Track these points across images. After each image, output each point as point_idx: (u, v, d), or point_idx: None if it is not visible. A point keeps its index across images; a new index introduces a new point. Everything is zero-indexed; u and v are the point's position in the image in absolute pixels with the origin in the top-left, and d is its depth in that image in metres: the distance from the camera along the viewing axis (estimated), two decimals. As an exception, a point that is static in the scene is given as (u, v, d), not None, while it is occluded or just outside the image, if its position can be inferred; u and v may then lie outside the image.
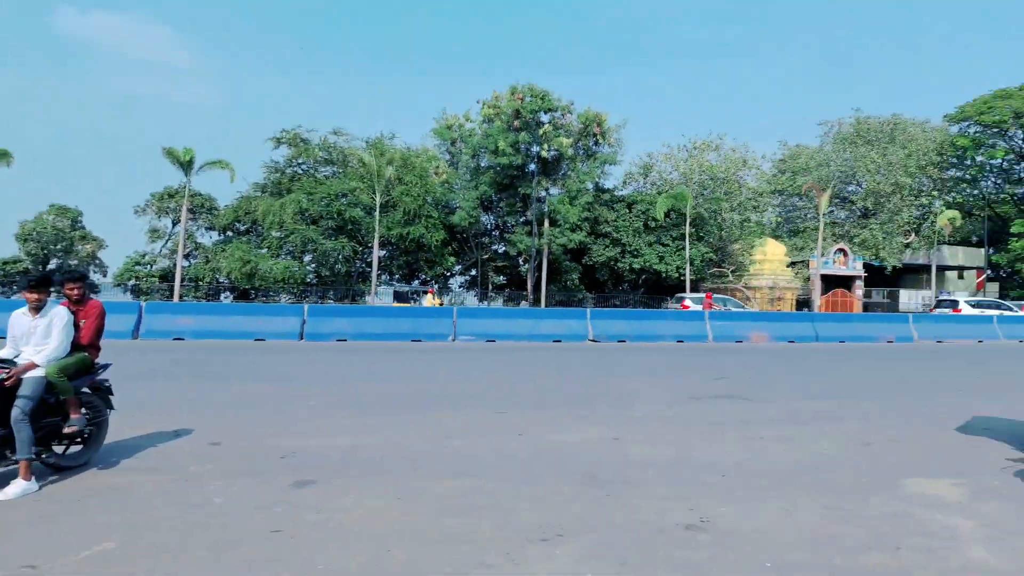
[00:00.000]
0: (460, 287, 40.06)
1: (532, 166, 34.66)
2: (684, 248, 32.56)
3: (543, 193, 35.26)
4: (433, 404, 9.05)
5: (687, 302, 28.62)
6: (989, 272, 48.77)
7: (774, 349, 19.46)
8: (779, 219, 45.60)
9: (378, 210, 31.62)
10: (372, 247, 32.42)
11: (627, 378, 12.40)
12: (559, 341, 20.00)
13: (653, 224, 33.36)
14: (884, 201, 39.61)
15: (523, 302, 33.46)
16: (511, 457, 6.32)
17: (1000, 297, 45.74)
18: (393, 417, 8.02)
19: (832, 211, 43.09)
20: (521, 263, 38.52)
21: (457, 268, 38.31)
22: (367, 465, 5.89)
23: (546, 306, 32.45)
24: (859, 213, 42.15)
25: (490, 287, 38.05)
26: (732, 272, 35.39)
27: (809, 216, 43.30)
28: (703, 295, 28.21)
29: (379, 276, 33.33)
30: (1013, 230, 40.73)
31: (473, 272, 38.43)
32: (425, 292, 30.81)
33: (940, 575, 3.88)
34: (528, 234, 33.69)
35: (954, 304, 32.53)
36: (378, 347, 16.81)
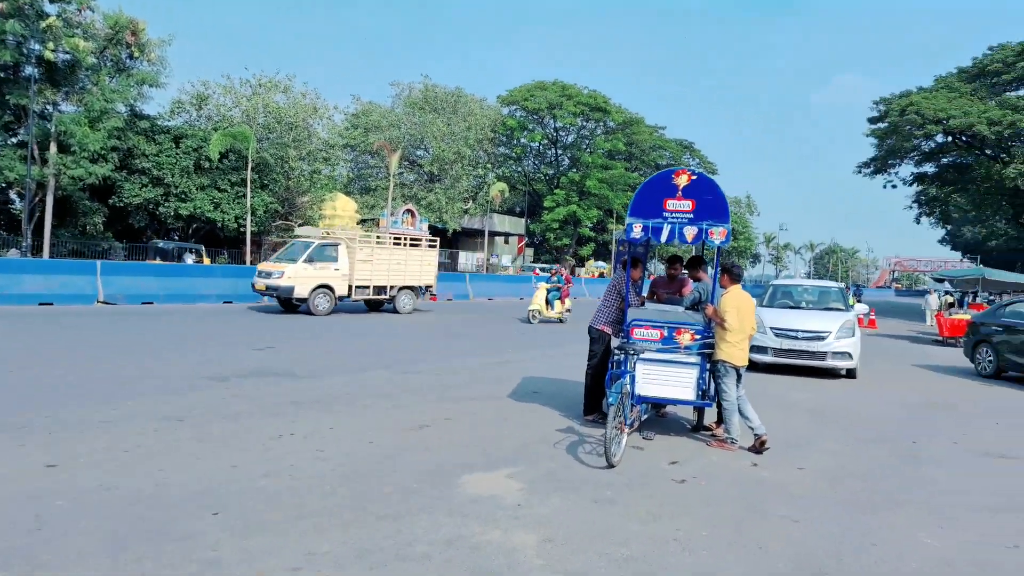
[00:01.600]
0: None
1: (31, 69, 26.26)
2: (245, 196, 29.19)
3: (49, 108, 27.16)
4: None
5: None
6: (527, 239, 58.48)
7: (341, 309, 18.33)
8: (351, 175, 45.62)
9: None
10: None
11: (134, 354, 9.28)
12: (50, 304, 15.02)
13: (207, 165, 28.99)
14: (448, 168, 43.16)
15: (13, 250, 25.28)
16: None
17: (534, 261, 55.28)
18: None
19: (402, 172, 45.09)
20: (14, 197, 29.20)
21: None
22: None
23: (51, 257, 25.15)
24: (426, 177, 45.13)
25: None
26: (299, 226, 33.53)
27: (380, 175, 44.39)
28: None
29: None
30: (545, 204, 49.31)
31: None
32: None
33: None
34: (24, 160, 25.51)
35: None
36: None
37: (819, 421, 7.72)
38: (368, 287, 17.74)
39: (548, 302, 17.97)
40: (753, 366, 11.34)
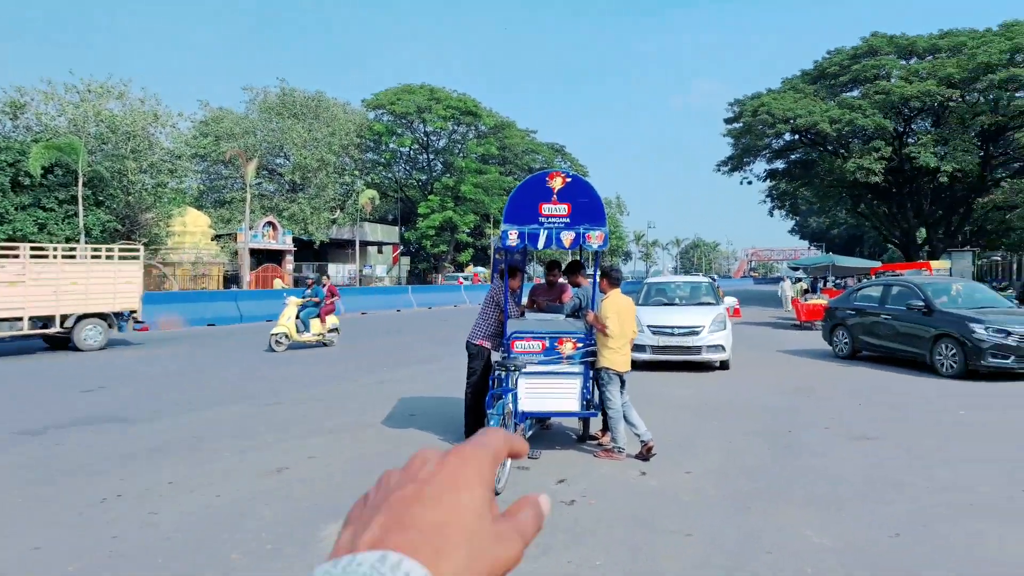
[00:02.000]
0: None
1: None
2: (76, 214, 26.28)
3: None
4: None
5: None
6: (402, 247, 57.35)
7: (188, 337, 16.74)
8: (203, 187, 42.57)
9: None
10: None
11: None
12: None
13: (27, 182, 25.82)
14: (311, 176, 41.34)
15: None
16: None
17: (410, 271, 54.30)
18: None
19: (260, 183, 42.68)
20: None
21: None
22: None
23: None
24: (288, 187, 42.99)
25: None
26: (146, 246, 30.73)
27: (236, 186, 41.77)
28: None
29: None
30: (420, 210, 48.54)
31: None
32: None
33: None
34: None
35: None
36: None
37: (700, 417, 7.81)
38: (20, 319, 13.04)
39: (303, 321, 14.40)
40: (632, 364, 11.50)
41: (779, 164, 42.72)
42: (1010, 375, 10.38)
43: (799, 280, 25.01)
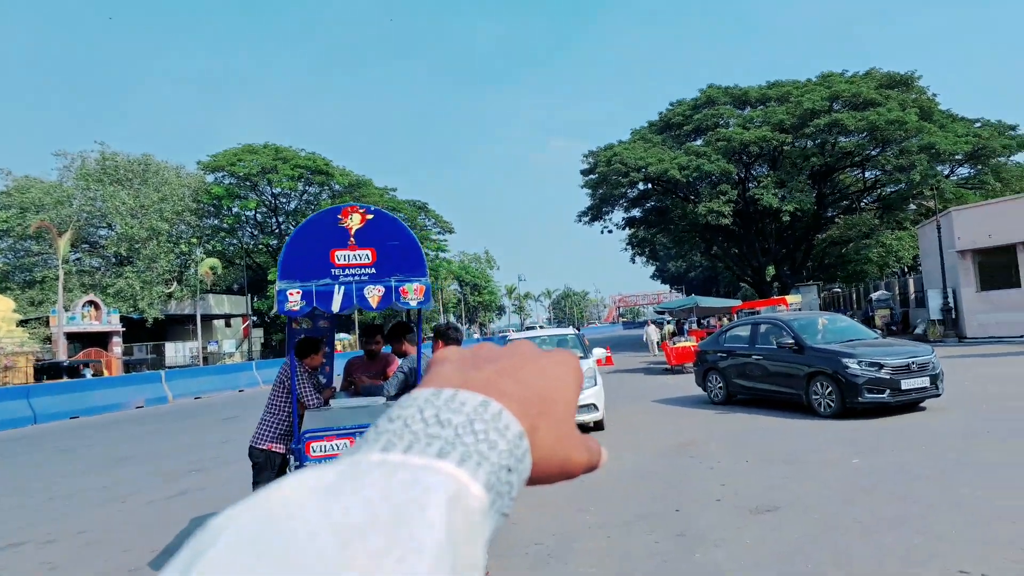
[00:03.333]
0: None
1: None
2: None
3: None
4: None
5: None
6: (254, 319, 53.22)
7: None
8: (6, 267, 37.13)
9: None
10: None
11: None
12: None
13: None
14: (140, 247, 37.32)
15: None
16: None
17: (264, 344, 50.18)
18: None
19: (79, 258, 37.94)
20: None
21: None
22: None
23: None
24: (113, 260, 38.50)
25: None
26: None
27: (51, 263, 36.80)
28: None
29: None
30: (270, 278, 45.20)
31: None
32: None
33: None
34: None
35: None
36: None
37: (573, 504, 6.46)
38: None
39: None
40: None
41: (636, 212, 44.11)
42: (885, 409, 10.02)
43: (668, 323, 25.12)
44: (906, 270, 44.75)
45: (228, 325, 49.53)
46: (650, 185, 39.45)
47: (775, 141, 33.79)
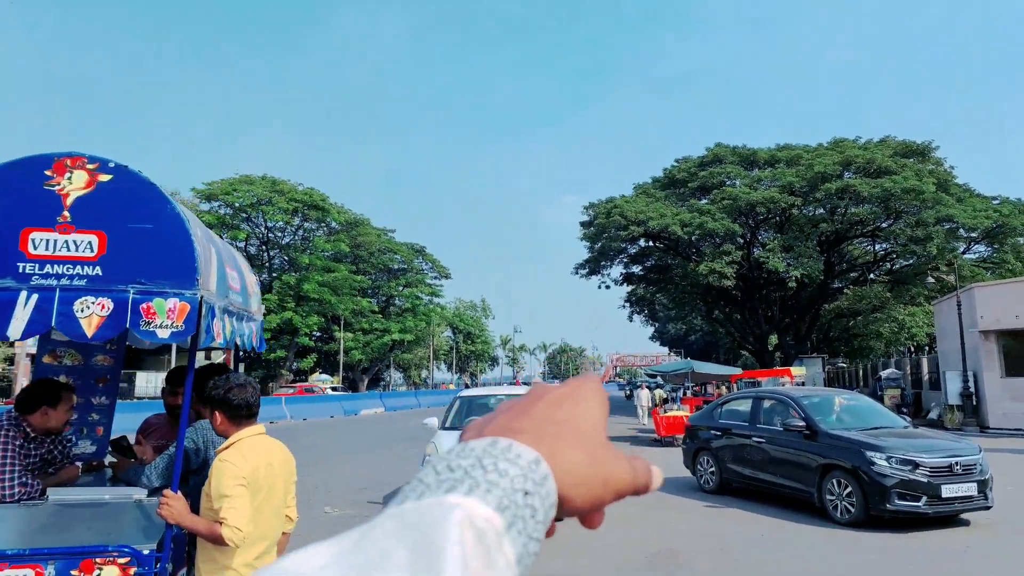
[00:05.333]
0: None
1: None
2: None
3: None
4: None
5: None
6: (237, 354, 51.14)
7: None
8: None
9: None
10: None
11: None
12: None
13: None
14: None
15: None
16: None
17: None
18: None
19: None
20: None
21: None
22: None
23: None
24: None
25: None
26: None
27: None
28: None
29: None
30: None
31: None
32: None
33: None
34: None
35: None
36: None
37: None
38: None
39: None
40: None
41: (636, 269, 42.31)
42: (919, 521, 7.83)
43: (658, 387, 22.92)
44: (914, 349, 42.53)
45: (208, 358, 47.32)
46: (650, 241, 37.78)
47: (783, 204, 32.13)
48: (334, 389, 48.28)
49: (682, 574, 6.07)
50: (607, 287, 43.14)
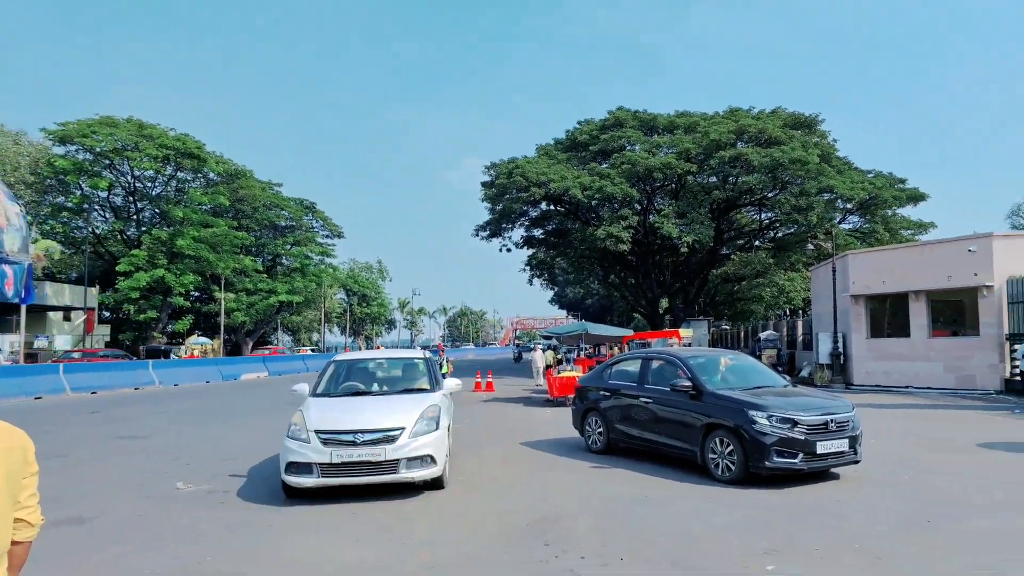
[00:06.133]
0: None
1: None
2: None
3: None
4: None
5: None
6: (107, 313, 47.23)
7: None
8: None
9: None
10: None
11: None
12: None
13: None
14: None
15: None
16: None
17: (110, 342, 44.25)
18: None
19: None
20: None
21: None
22: None
23: None
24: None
25: None
26: None
27: None
28: None
29: None
30: (120, 267, 39.81)
31: None
32: None
33: None
34: None
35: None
36: None
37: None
38: None
39: None
40: (292, 492, 7.37)
41: (536, 232, 42.40)
42: (795, 477, 8.06)
43: (551, 349, 23.03)
44: (790, 312, 45.39)
45: (67, 319, 43.39)
46: (551, 204, 37.83)
47: (680, 170, 32.92)
48: (214, 352, 45.73)
49: (561, 539, 5.84)
50: (508, 250, 43.06)
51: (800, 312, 42.07)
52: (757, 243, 40.43)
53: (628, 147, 36.13)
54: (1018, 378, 18.89)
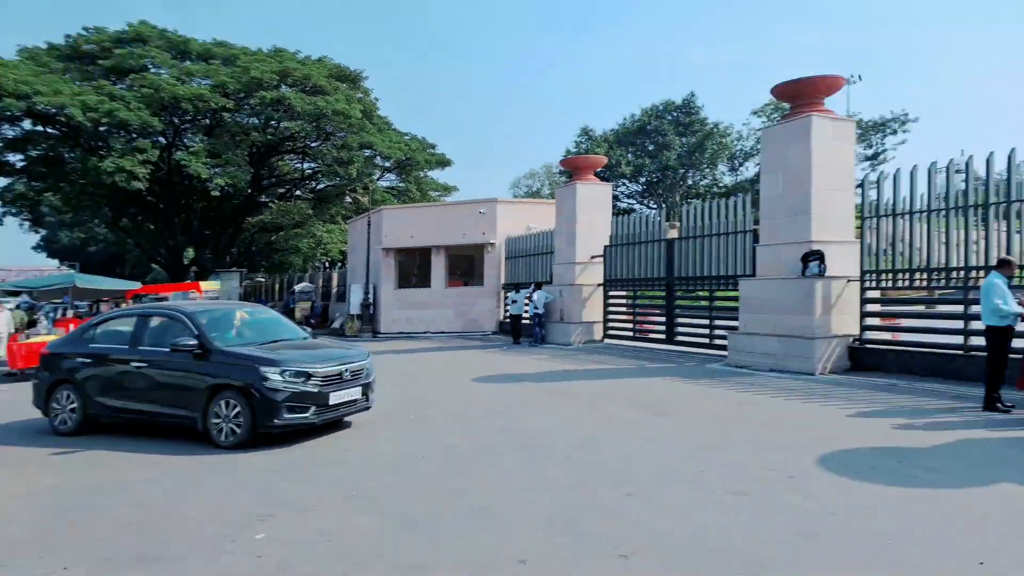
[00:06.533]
0: None
1: None
2: None
3: None
4: None
5: None
6: None
7: None
8: None
9: None
10: None
11: None
12: None
13: None
14: None
15: None
16: None
17: None
18: None
19: None
20: None
21: None
22: None
23: None
24: None
25: None
26: None
27: None
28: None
29: None
30: None
31: None
32: None
33: None
34: None
35: None
36: None
37: None
38: None
39: None
40: None
41: (14, 158, 33.66)
42: (309, 432, 7.67)
43: (20, 307, 17.96)
44: (328, 264, 46.57)
45: None
46: (38, 124, 30.52)
47: (214, 104, 29.95)
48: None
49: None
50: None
51: (338, 264, 43.41)
52: (298, 192, 39.94)
53: (152, 69, 31.36)
54: (507, 320, 22.72)
